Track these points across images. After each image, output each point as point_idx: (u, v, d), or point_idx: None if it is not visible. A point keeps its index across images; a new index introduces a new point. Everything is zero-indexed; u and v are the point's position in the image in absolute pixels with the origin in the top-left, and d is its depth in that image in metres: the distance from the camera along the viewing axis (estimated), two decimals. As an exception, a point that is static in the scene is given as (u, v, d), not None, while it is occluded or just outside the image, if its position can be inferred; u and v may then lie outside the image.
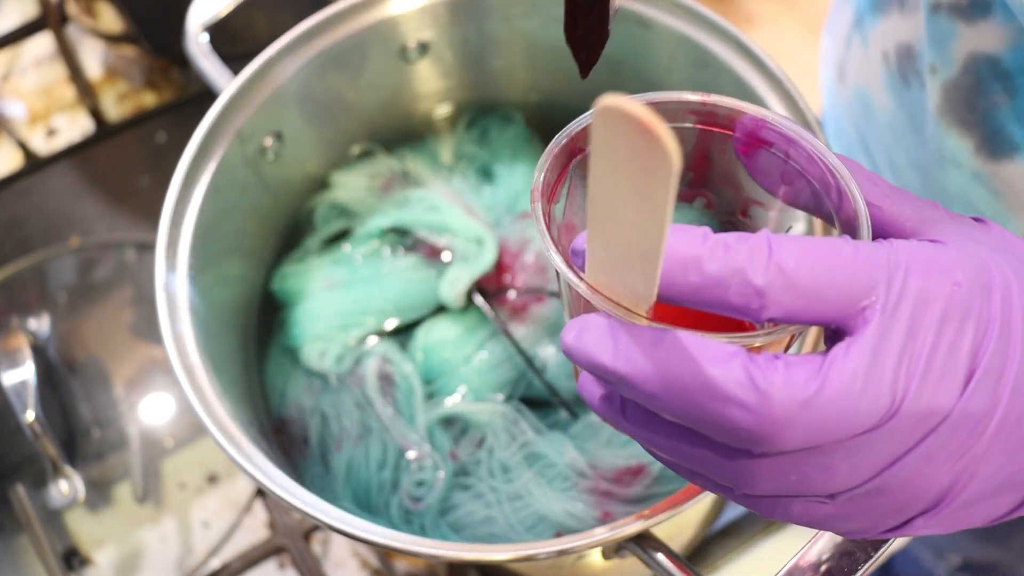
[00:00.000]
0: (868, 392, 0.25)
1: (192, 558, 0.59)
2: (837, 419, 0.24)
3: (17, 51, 0.82)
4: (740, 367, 0.24)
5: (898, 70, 0.51)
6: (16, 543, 0.60)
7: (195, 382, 0.44)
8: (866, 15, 0.55)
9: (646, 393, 0.25)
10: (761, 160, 0.31)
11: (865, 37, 0.55)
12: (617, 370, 0.25)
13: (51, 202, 0.72)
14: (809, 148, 0.30)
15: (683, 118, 0.31)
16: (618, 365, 0.25)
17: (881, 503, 0.26)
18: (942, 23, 0.46)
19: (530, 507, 0.49)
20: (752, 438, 0.25)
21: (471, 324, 0.54)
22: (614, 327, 0.26)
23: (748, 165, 0.32)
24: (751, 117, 0.30)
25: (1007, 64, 0.44)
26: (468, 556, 0.40)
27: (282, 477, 0.41)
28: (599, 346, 0.26)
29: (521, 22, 0.56)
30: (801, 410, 0.24)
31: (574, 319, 0.27)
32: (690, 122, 0.32)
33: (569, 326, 0.27)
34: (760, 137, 0.31)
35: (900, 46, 0.51)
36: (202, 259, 0.48)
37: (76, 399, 0.64)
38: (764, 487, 0.26)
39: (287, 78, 0.52)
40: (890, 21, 0.52)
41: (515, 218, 0.57)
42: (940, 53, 0.47)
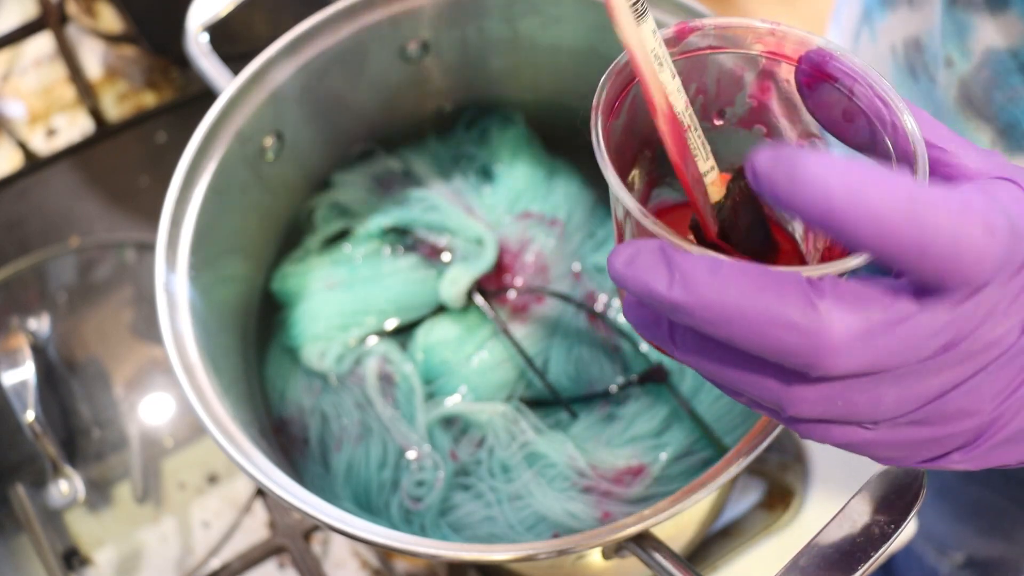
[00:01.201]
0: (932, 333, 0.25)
1: (192, 558, 0.59)
2: (894, 352, 0.24)
3: (17, 51, 0.81)
4: (800, 292, 0.24)
5: (906, 64, 0.51)
6: (16, 543, 0.60)
7: (195, 382, 0.44)
8: (875, 9, 0.55)
9: (703, 320, 0.25)
10: (823, 95, 0.31)
11: (873, 30, 0.55)
12: (673, 298, 0.25)
13: (51, 202, 0.72)
14: (872, 84, 0.29)
15: (750, 44, 0.32)
16: (674, 294, 0.25)
17: (922, 433, 0.27)
18: (959, 16, 0.46)
19: (530, 507, 0.49)
20: (808, 364, 0.24)
21: (471, 324, 0.54)
22: (669, 253, 0.25)
23: (809, 99, 0.31)
24: (818, 50, 0.30)
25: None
26: (468, 556, 0.40)
27: (282, 477, 0.41)
28: (653, 273, 0.25)
29: (521, 22, 0.56)
30: (859, 340, 0.24)
31: (625, 243, 0.27)
32: (757, 49, 0.32)
33: (619, 250, 0.26)
34: (825, 71, 0.30)
35: (908, 39, 0.51)
36: (202, 259, 0.48)
37: (76, 399, 0.64)
38: (810, 411, 0.26)
39: (287, 78, 0.52)
40: (899, 15, 0.52)
41: (515, 218, 0.57)
42: (957, 46, 0.47)
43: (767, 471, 0.59)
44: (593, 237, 0.58)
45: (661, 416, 0.51)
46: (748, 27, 0.31)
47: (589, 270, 0.56)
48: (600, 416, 0.52)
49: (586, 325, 0.54)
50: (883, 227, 0.22)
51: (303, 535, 0.58)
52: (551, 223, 0.57)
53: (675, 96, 0.30)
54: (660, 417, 0.51)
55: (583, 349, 0.54)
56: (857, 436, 0.27)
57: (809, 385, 0.26)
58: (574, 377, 0.53)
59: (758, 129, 0.34)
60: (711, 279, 0.25)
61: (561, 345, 0.54)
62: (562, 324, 0.55)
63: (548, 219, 0.57)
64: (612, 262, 0.26)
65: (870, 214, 0.22)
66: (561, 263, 0.56)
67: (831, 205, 0.22)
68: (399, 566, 0.58)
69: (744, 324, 0.24)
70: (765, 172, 0.23)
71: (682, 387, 0.52)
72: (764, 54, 0.32)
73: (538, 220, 0.57)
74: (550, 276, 0.56)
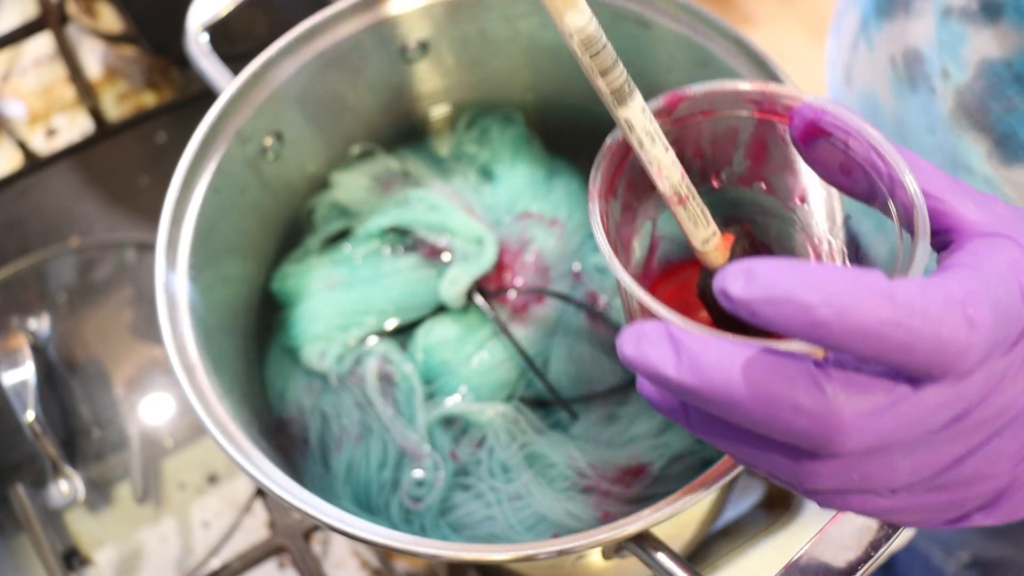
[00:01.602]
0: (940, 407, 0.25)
1: (192, 558, 0.59)
2: (903, 427, 0.25)
3: (17, 51, 0.81)
4: (808, 376, 0.24)
5: (906, 74, 0.51)
6: (16, 543, 0.60)
7: (195, 382, 0.44)
8: (871, 19, 0.55)
9: (712, 403, 0.25)
10: (819, 149, 0.31)
11: (871, 41, 0.55)
12: (682, 382, 0.25)
13: (51, 202, 0.72)
14: (867, 139, 0.30)
15: (741, 106, 0.32)
16: (682, 377, 0.25)
17: (941, 498, 0.27)
18: (953, 28, 0.46)
19: (530, 507, 0.49)
20: (819, 444, 0.25)
21: (471, 324, 0.54)
22: (674, 336, 0.26)
23: (806, 154, 0.32)
24: (810, 106, 0.31)
25: (1020, 68, 0.44)
26: (468, 556, 0.40)
27: (282, 477, 0.41)
28: (661, 357, 0.26)
29: (521, 22, 0.56)
30: (868, 419, 0.24)
31: (630, 326, 0.27)
32: (748, 111, 0.32)
33: (626, 335, 0.27)
34: (819, 126, 0.31)
35: (907, 50, 0.51)
36: (202, 259, 0.48)
37: (76, 399, 0.64)
38: (826, 484, 0.27)
39: (287, 78, 0.52)
40: (896, 25, 0.52)
41: (515, 218, 0.57)
42: (952, 58, 0.47)
43: (767, 471, 0.59)
44: (593, 237, 0.58)
45: (661, 416, 0.51)
46: (736, 91, 0.31)
47: (589, 270, 0.56)
48: (600, 416, 0.52)
49: (586, 325, 0.54)
50: (868, 338, 0.23)
51: (303, 535, 0.58)
52: (551, 223, 0.57)
53: (670, 169, 0.30)
54: (660, 417, 0.51)
55: (583, 349, 0.54)
56: (876, 504, 0.27)
57: (822, 461, 0.26)
58: (574, 377, 0.53)
59: (758, 186, 0.35)
60: (718, 362, 0.25)
61: (561, 345, 0.54)
62: (562, 324, 0.55)
63: (548, 219, 0.57)
64: (620, 346, 0.27)
65: (855, 327, 0.23)
66: (561, 263, 0.56)
67: (814, 321, 0.23)
68: (399, 566, 0.58)
69: (753, 408, 0.25)
70: (740, 297, 0.23)
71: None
72: (756, 114, 0.32)
73: (538, 220, 0.57)
74: (550, 276, 0.56)
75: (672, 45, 0.52)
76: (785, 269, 0.23)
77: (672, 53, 0.52)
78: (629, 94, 0.30)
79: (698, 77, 0.52)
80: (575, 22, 0.28)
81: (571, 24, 0.28)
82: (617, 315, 0.55)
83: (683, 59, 0.52)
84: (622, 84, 0.29)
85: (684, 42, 0.51)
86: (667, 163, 0.30)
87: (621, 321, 0.54)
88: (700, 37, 0.50)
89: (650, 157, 0.30)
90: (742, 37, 0.48)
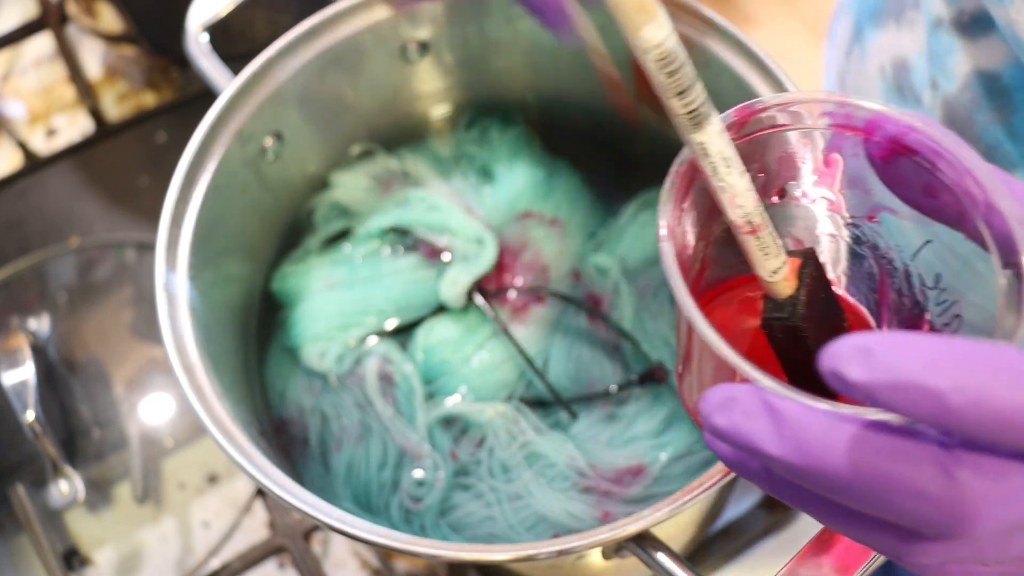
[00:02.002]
0: None
1: (192, 558, 0.59)
2: None
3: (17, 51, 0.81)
4: (934, 460, 0.22)
5: (894, 84, 0.51)
6: (16, 543, 0.60)
7: (195, 382, 0.44)
8: (865, 26, 0.55)
9: (815, 482, 0.23)
10: (900, 168, 0.28)
11: (864, 49, 0.55)
12: (785, 460, 0.23)
13: (51, 202, 0.72)
14: (961, 161, 0.27)
15: (816, 119, 0.29)
16: (786, 455, 0.23)
17: None
18: (943, 39, 0.46)
19: (530, 507, 0.49)
20: (942, 531, 0.23)
21: (471, 324, 0.54)
22: (771, 405, 0.23)
23: (883, 173, 0.29)
24: (894, 121, 0.28)
25: (1007, 81, 0.44)
26: (468, 556, 0.40)
27: (282, 477, 0.41)
28: (759, 431, 0.23)
29: (521, 22, 0.56)
30: (1002, 506, 0.22)
31: (717, 391, 0.24)
32: (823, 123, 0.29)
33: (714, 401, 0.24)
34: (904, 144, 0.28)
35: (897, 60, 0.51)
36: (202, 259, 0.48)
37: (76, 399, 0.64)
38: (934, 560, 0.25)
39: (287, 78, 0.52)
40: (887, 34, 0.52)
41: (516, 218, 0.57)
42: (941, 69, 0.46)
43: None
44: (593, 238, 0.58)
45: (661, 416, 0.51)
46: (813, 100, 0.29)
47: (589, 270, 0.56)
48: (600, 416, 0.52)
49: (586, 325, 0.54)
50: (1006, 425, 0.20)
51: (303, 535, 0.58)
52: (551, 223, 0.57)
53: (744, 197, 0.27)
54: (660, 417, 0.51)
55: (583, 349, 0.54)
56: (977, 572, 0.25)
57: (936, 542, 0.24)
58: (574, 377, 0.53)
59: (823, 203, 0.32)
60: (826, 439, 0.22)
61: (561, 345, 0.54)
62: (562, 324, 0.55)
63: (548, 219, 0.57)
64: (709, 415, 0.24)
65: (991, 415, 0.20)
66: (562, 263, 0.56)
67: (946, 409, 0.20)
68: (399, 566, 0.58)
69: (867, 490, 0.22)
70: (859, 382, 0.21)
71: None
72: (831, 127, 0.29)
73: (538, 220, 0.57)
74: (550, 276, 0.56)
75: (672, 45, 0.52)
76: (906, 348, 0.21)
77: (672, 53, 0.52)
78: (707, 116, 0.26)
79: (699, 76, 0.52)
80: (653, 36, 0.25)
81: (649, 39, 0.25)
82: (618, 315, 0.55)
83: (683, 59, 0.52)
84: (700, 105, 0.26)
85: (684, 42, 0.51)
86: (742, 190, 0.27)
87: (621, 321, 0.54)
88: (700, 37, 0.50)
89: (724, 184, 0.27)
90: (742, 37, 0.48)
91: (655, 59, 0.25)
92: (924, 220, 0.29)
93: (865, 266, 0.33)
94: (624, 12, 0.25)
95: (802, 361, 0.29)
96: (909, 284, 0.31)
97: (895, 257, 0.31)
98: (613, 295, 0.55)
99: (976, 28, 0.44)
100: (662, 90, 0.26)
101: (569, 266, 0.56)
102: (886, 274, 0.32)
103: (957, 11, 0.45)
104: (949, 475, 0.22)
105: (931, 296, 0.30)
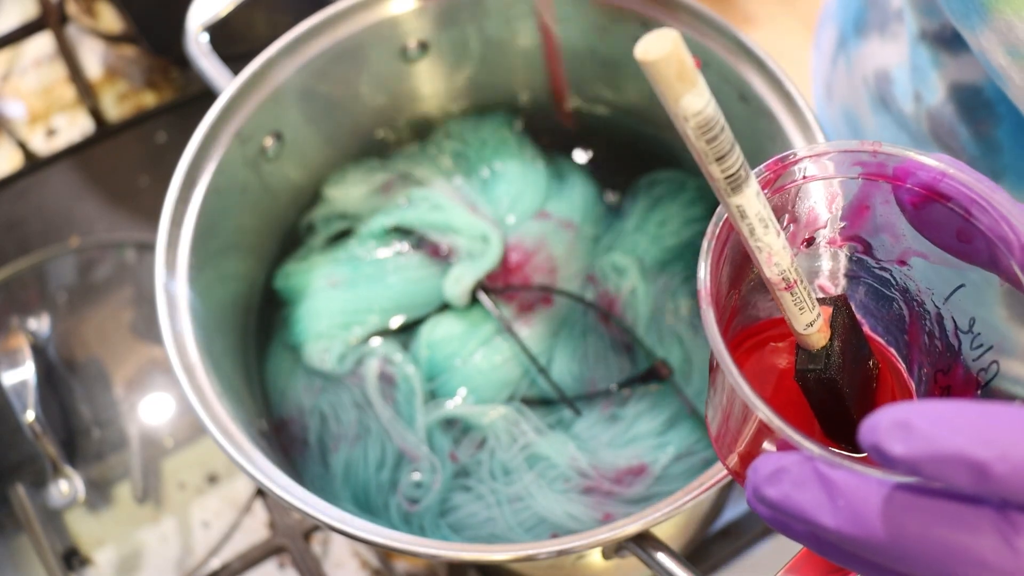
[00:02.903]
0: None
1: (192, 558, 0.59)
2: None
3: (17, 51, 0.81)
4: (993, 527, 0.22)
5: (877, 94, 0.52)
6: (16, 543, 0.60)
7: (195, 382, 0.44)
8: (850, 36, 0.56)
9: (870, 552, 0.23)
10: (933, 214, 0.28)
11: (849, 58, 0.56)
12: (841, 532, 0.22)
13: (51, 202, 0.72)
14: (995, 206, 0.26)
15: (847, 169, 0.29)
16: (841, 526, 0.22)
17: None
18: (925, 52, 0.46)
19: (530, 509, 0.49)
20: None
21: (475, 322, 0.54)
22: (823, 475, 0.23)
23: (915, 219, 0.29)
24: (927, 168, 0.27)
25: (988, 94, 0.44)
26: (468, 556, 0.40)
27: (282, 477, 0.41)
28: (812, 503, 0.23)
29: (521, 22, 0.56)
30: None
31: (764, 461, 0.24)
32: (854, 173, 0.29)
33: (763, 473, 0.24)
34: (937, 190, 0.28)
35: (879, 71, 0.51)
36: (202, 259, 0.48)
37: (76, 399, 0.64)
38: None
39: (287, 78, 0.52)
40: (871, 45, 0.53)
41: (519, 217, 0.57)
42: (923, 81, 0.47)
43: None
44: (603, 237, 0.58)
45: (663, 416, 0.51)
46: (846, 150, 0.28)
47: (605, 270, 0.56)
48: (602, 416, 0.52)
49: (592, 325, 0.54)
50: None
51: (303, 535, 0.58)
52: (561, 223, 0.57)
53: (780, 255, 0.27)
54: (662, 417, 0.51)
55: (589, 348, 0.54)
56: None
57: None
58: (578, 376, 0.53)
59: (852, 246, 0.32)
60: (881, 508, 0.22)
61: (566, 344, 0.54)
62: (568, 323, 0.55)
63: (558, 219, 0.57)
64: (759, 486, 0.24)
65: None
66: (571, 263, 0.56)
67: (989, 478, 0.21)
68: (399, 566, 0.58)
69: (924, 559, 0.22)
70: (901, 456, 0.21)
71: (687, 388, 0.52)
72: (863, 176, 0.29)
73: (548, 220, 0.57)
74: (559, 276, 0.56)
75: (672, 45, 0.52)
76: (944, 418, 0.21)
77: (672, 53, 0.52)
78: (745, 179, 0.26)
79: (698, 77, 0.52)
80: (694, 105, 0.24)
81: (689, 107, 0.24)
82: (622, 315, 0.55)
83: (683, 59, 0.52)
84: (739, 169, 0.25)
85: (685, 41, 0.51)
86: (778, 248, 0.27)
87: (636, 321, 0.54)
88: (700, 36, 0.50)
89: (761, 244, 0.27)
90: (741, 37, 0.48)
91: (695, 127, 0.25)
92: (956, 264, 0.29)
93: (895, 309, 0.33)
94: (664, 80, 0.24)
95: (836, 408, 0.29)
96: (941, 328, 0.31)
97: (926, 300, 0.31)
98: (629, 295, 0.55)
99: (957, 43, 0.44)
100: (701, 156, 0.25)
101: (579, 266, 0.56)
102: (916, 317, 0.32)
103: (939, 26, 0.46)
104: (1009, 543, 0.22)
105: (965, 340, 0.30)
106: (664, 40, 0.24)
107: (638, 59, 0.23)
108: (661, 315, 0.54)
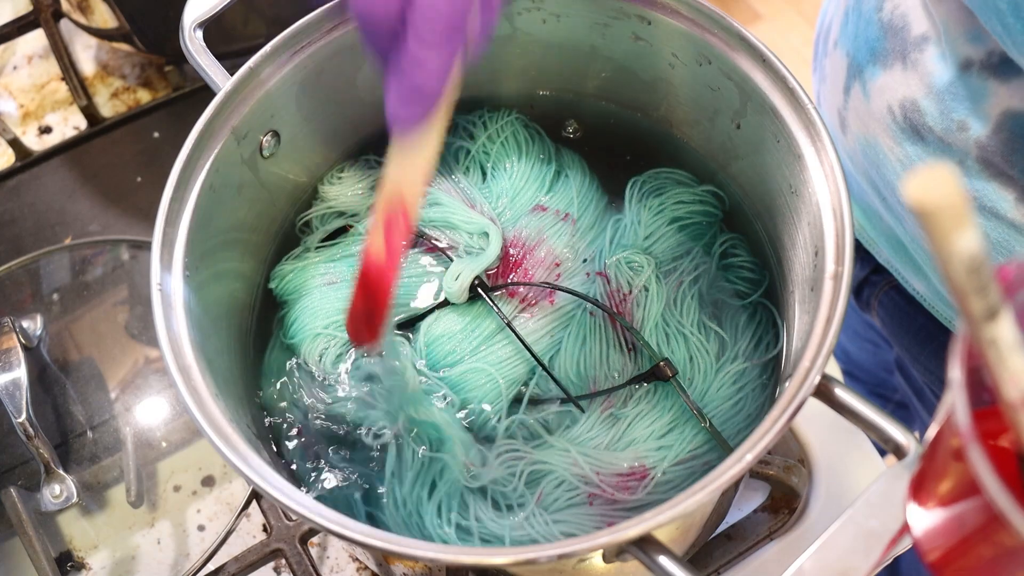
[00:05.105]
0: None
1: (187, 562, 0.58)
2: None
3: (9, 48, 0.81)
4: None
5: (907, 125, 0.51)
6: (9, 547, 0.59)
7: (190, 383, 0.43)
8: (866, 65, 0.55)
9: None
10: None
11: (866, 88, 0.55)
12: None
13: (44, 200, 0.72)
14: None
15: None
16: None
17: None
18: (973, 82, 0.46)
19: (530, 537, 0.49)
20: None
21: (475, 319, 0.54)
22: None
23: None
24: None
25: None
26: (468, 559, 0.39)
27: (278, 479, 0.41)
28: None
29: (521, 20, 0.55)
30: None
31: None
32: None
33: None
34: None
35: (906, 102, 0.51)
36: (198, 258, 0.48)
37: (69, 401, 0.63)
38: None
39: (283, 76, 0.51)
40: (893, 75, 0.52)
41: (518, 214, 0.57)
42: (973, 110, 0.46)
43: (771, 474, 0.59)
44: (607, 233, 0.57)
45: (665, 419, 0.51)
46: None
47: (619, 266, 0.55)
48: (603, 418, 0.51)
49: (595, 321, 0.54)
50: None
51: (300, 539, 0.57)
52: (562, 218, 0.57)
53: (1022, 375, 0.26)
54: (664, 420, 0.51)
55: (591, 345, 0.53)
56: None
57: None
58: (580, 374, 0.53)
59: None
60: None
61: (569, 341, 0.54)
62: (570, 320, 0.54)
63: (559, 213, 0.57)
64: None
65: None
66: (573, 259, 0.56)
67: None
68: (397, 570, 0.57)
69: None
70: None
71: (690, 390, 0.52)
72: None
73: (549, 214, 0.57)
74: (561, 272, 0.55)
75: (675, 41, 0.51)
76: None
77: (674, 49, 0.52)
78: (1000, 308, 0.25)
79: (701, 74, 0.52)
80: (968, 246, 0.22)
81: (963, 248, 0.22)
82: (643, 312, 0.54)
83: (686, 55, 0.52)
84: (996, 299, 0.24)
85: (686, 38, 0.51)
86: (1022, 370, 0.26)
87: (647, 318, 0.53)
88: (702, 32, 0.49)
89: (1010, 372, 0.26)
90: (745, 33, 0.48)
91: (964, 264, 0.24)
92: None
93: None
94: (938, 222, 0.23)
95: None
96: None
97: None
98: (641, 292, 0.54)
99: (1007, 69, 0.44)
100: (961, 290, 0.25)
101: (581, 261, 0.56)
102: None
103: (986, 52, 0.45)
104: None
105: None
106: (942, 183, 0.22)
107: (910, 203, 0.22)
108: (670, 312, 0.53)
